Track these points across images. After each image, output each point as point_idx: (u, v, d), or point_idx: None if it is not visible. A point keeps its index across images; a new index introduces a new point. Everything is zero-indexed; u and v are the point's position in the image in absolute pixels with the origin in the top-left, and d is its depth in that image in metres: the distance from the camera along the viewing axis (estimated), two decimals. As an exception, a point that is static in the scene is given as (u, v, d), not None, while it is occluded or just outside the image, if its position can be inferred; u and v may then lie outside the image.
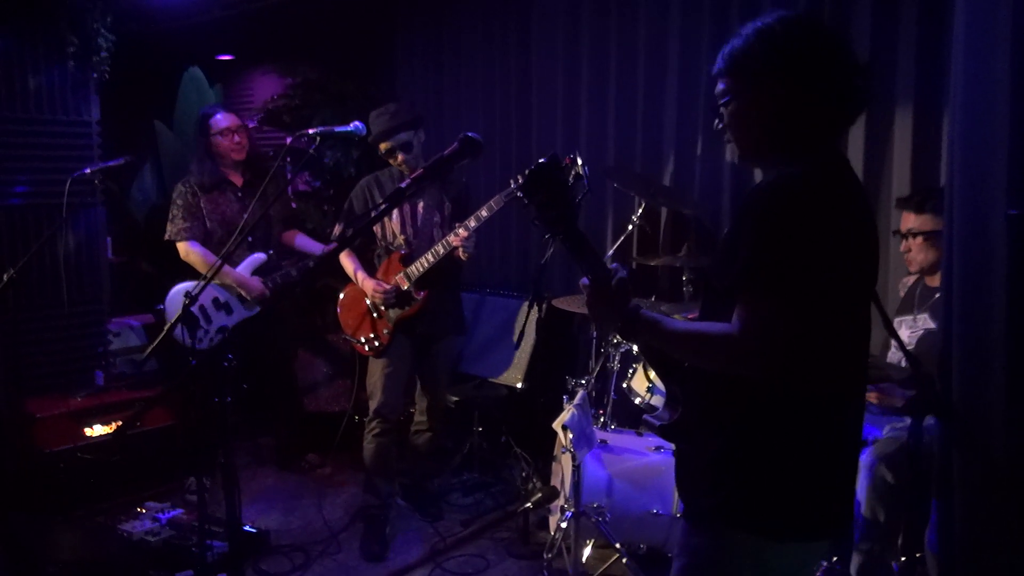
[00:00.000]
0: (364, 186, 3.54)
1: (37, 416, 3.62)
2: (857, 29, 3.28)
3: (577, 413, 2.99)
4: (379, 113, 3.41)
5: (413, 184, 1.79)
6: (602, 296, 1.56)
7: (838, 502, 1.56)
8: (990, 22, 2.07)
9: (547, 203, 1.51)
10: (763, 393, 1.45)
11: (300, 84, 5.09)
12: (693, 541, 1.59)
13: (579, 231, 1.54)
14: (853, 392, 1.57)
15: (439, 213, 3.50)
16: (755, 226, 1.42)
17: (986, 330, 2.10)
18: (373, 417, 3.48)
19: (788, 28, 1.48)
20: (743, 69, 1.51)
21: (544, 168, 1.51)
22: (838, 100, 1.50)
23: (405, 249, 3.47)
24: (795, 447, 1.48)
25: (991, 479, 2.12)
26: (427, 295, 3.41)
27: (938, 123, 3.12)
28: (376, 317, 3.47)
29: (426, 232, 3.47)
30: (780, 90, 1.48)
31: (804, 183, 1.43)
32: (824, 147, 1.52)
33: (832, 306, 1.43)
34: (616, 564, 3.09)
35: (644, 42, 4.02)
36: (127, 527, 3.26)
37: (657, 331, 1.53)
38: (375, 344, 3.46)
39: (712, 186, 3.83)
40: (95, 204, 4.27)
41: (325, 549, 3.41)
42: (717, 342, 1.44)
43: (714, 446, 1.54)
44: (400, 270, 3.42)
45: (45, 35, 4.04)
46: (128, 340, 4.62)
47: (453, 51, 4.92)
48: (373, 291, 3.39)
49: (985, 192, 2.11)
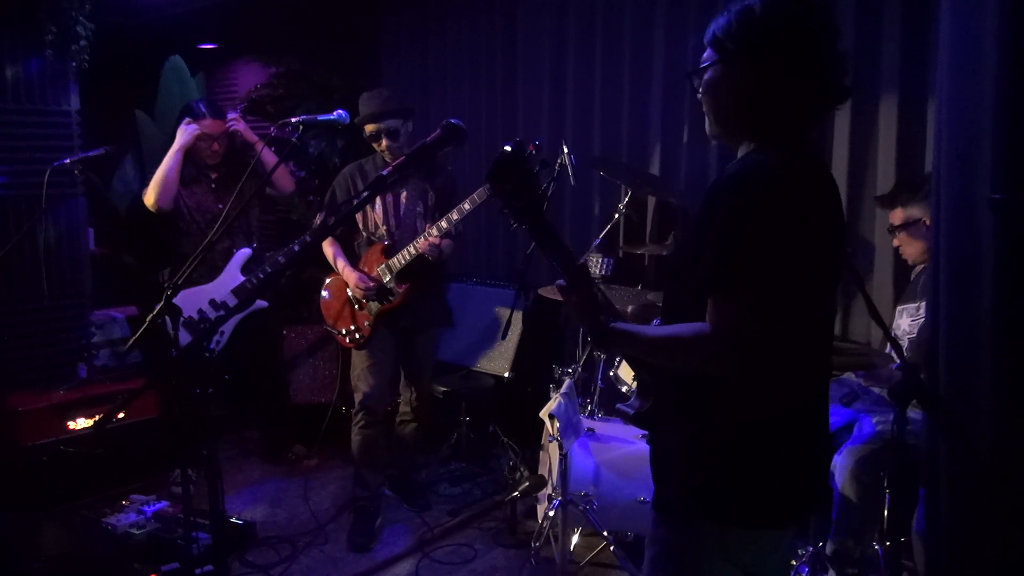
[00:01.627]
0: (347, 175, 3.49)
1: (19, 410, 3.58)
2: (842, 18, 3.27)
3: (564, 402, 2.99)
4: (371, 95, 3.37)
5: (395, 172, 1.78)
6: (575, 301, 1.58)
7: (805, 488, 1.56)
8: (975, 10, 2.07)
9: (513, 192, 1.51)
10: (730, 383, 1.45)
11: (284, 74, 5.04)
12: (661, 531, 1.59)
13: (546, 221, 1.54)
14: (819, 379, 1.58)
15: (422, 203, 3.45)
16: (722, 219, 1.41)
17: (973, 317, 2.11)
18: (359, 410, 3.46)
19: (769, 10, 1.46)
20: (721, 45, 1.51)
21: (509, 157, 1.50)
22: (814, 88, 1.48)
23: (387, 240, 3.43)
24: (762, 435, 1.49)
25: (977, 468, 2.13)
26: (408, 288, 3.37)
27: (923, 112, 3.12)
28: (357, 309, 3.45)
29: (409, 223, 3.42)
30: (752, 70, 1.47)
31: (771, 173, 1.41)
32: (796, 134, 1.51)
33: (800, 297, 1.43)
34: (604, 552, 3.10)
35: (630, 30, 4.01)
36: (112, 520, 3.23)
37: (631, 342, 1.55)
38: (356, 336, 3.44)
39: (698, 175, 3.83)
40: (76, 195, 4.21)
41: (312, 540, 3.41)
42: (691, 345, 1.44)
43: (682, 435, 1.55)
44: (382, 261, 3.38)
45: (22, 24, 3.96)
46: (111, 332, 4.58)
47: (439, 41, 4.88)
48: (355, 285, 3.36)
49: (971, 178, 2.11)
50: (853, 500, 2.64)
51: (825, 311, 1.57)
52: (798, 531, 2.56)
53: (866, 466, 2.63)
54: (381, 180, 1.80)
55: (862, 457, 2.66)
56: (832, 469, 2.71)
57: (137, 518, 3.26)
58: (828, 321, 1.60)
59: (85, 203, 4.30)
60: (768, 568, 1.58)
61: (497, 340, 4.13)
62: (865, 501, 2.62)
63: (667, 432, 1.59)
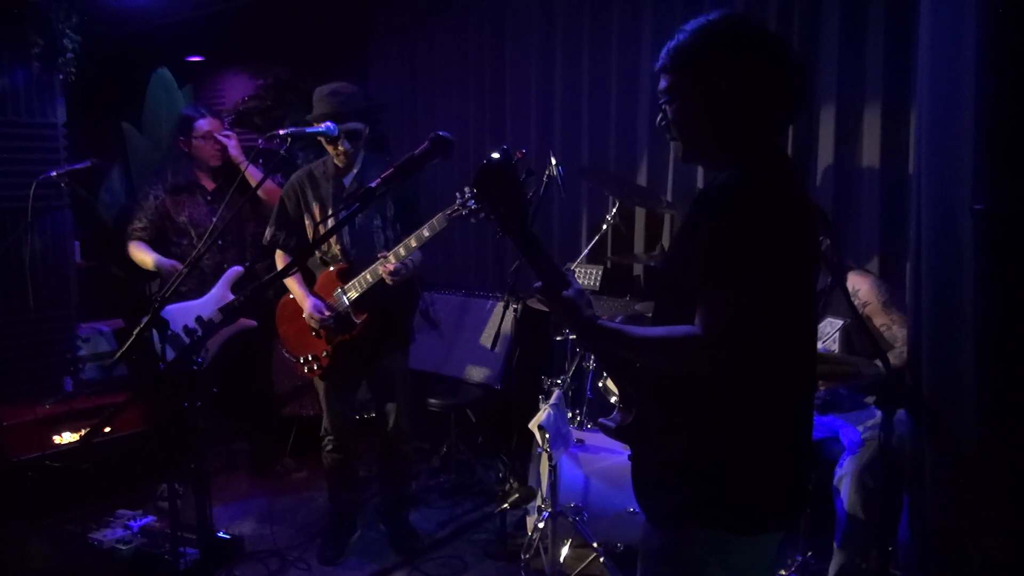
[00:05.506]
0: (295, 183, 3.17)
1: (4, 423, 3.54)
2: (826, 28, 3.31)
3: (553, 413, 2.99)
4: (332, 91, 3.07)
5: (383, 184, 1.75)
6: (556, 302, 1.56)
7: (794, 493, 1.60)
8: (955, 18, 2.10)
9: (500, 199, 1.51)
10: (719, 391, 1.48)
11: (271, 85, 5.04)
12: (656, 540, 1.61)
13: (530, 230, 1.54)
14: (804, 385, 1.61)
15: (380, 215, 3.13)
16: (713, 225, 1.44)
17: (956, 323, 2.12)
18: (324, 434, 3.36)
19: (732, 24, 1.51)
20: (687, 65, 1.53)
21: (496, 164, 1.50)
22: (780, 97, 1.52)
23: (342, 262, 3.13)
24: (751, 442, 1.51)
25: (962, 471, 2.15)
26: (367, 319, 3.08)
27: (907, 119, 3.16)
28: (314, 336, 3.18)
29: (365, 240, 3.12)
30: (723, 86, 1.50)
31: (756, 182, 1.45)
32: (766, 144, 1.55)
33: (785, 297, 1.46)
34: (594, 563, 3.09)
35: (617, 41, 4.03)
36: (98, 535, 3.20)
37: (618, 339, 1.54)
38: (314, 367, 3.21)
39: (686, 185, 3.85)
40: (62, 207, 4.18)
41: (301, 555, 3.38)
42: (681, 345, 1.45)
43: (673, 446, 1.56)
44: (337, 287, 3.10)
45: (8, 36, 3.95)
46: (98, 345, 4.54)
47: (426, 52, 4.89)
48: (309, 313, 3.10)
49: (952, 187, 2.13)
50: (859, 511, 2.65)
51: (807, 316, 1.60)
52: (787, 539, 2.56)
53: (872, 470, 2.64)
54: (370, 193, 1.72)
55: (866, 463, 2.67)
56: (836, 485, 2.72)
57: (124, 533, 3.23)
58: (811, 326, 1.64)
59: (71, 215, 4.27)
60: (758, 570, 1.62)
61: (486, 351, 4.12)
62: (870, 509, 2.63)
63: (656, 443, 1.60)
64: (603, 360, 1.70)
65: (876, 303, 2.91)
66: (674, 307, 1.52)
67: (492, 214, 1.52)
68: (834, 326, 2.97)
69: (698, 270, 1.44)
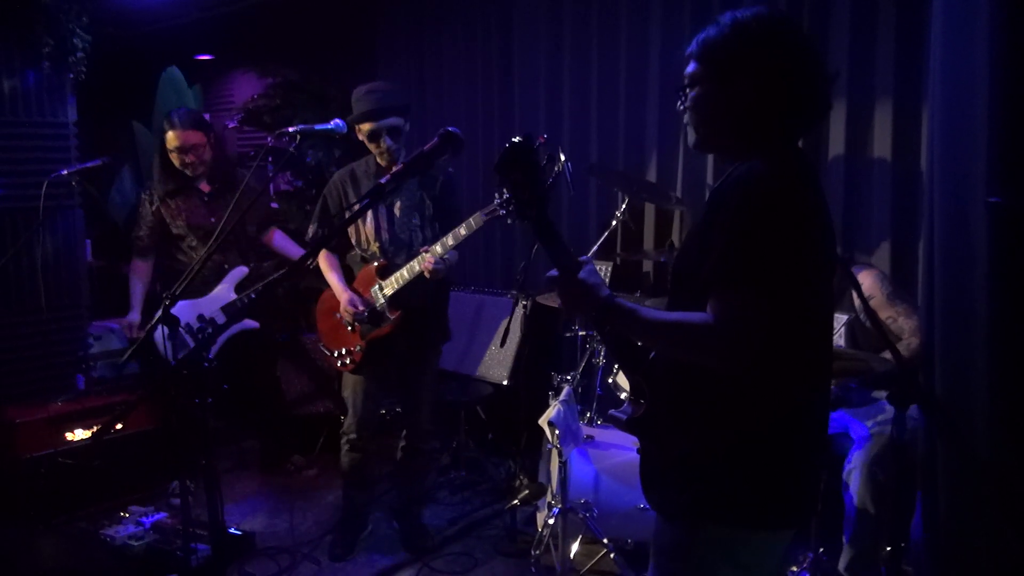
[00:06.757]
0: (338, 182, 3.21)
1: (17, 421, 3.57)
2: (837, 25, 3.29)
3: (563, 409, 2.98)
4: (369, 89, 3.08)
5: (393, 180, 1.76)
6: (571, 285, 1.55)
7: (807, 489, 1.60)
8: (968, 12, 2.09)
9: (521, 183, 1.50)
10: (733, 386, 1.46)
11: (280, 84, 5.06)
12: (667, 536, 1.60)
13: (548, 217, 1.54)
14: (820, 380, 1.59)
15: (419, 214, 3.17)
16: (730, 219, 1.43)
17: (969, 320, 2.11)
18: (344, 432, 3.34)
19: (763, 25, 1.49)
20: (714, 58, 1.53)
21: (518, 147, 1.49)
22: (802, 103, 1.51)
23: (381, 259, 3.16)
24: (765, 438, 1.50)
25: (974, 469, 2.14)
26: (400, 316, 3.10)
27: (918, 117, 3.14)
28: (350, 331, 3.22)
29: (404, 237, 3.16)
30: (746, 85, 1.49)
31: (774, 176, 1.44)
32: (783, 143, 1.53)
33: (800, 294, 1.45)
34: (604, 560, 3.09)
35: (626, 37, 4.02)
36: (110, 532, 3.22)
37: (633, 320, 1.52)
38: (347, 361, 3.23)
39: (695, 181, 3.84)
40: (73, 207, 4.21)
41: (312, 551, 3.39)
42: (695, 332, 1.44)
43: (684, 440, 1.55)
44: (375, 283, 3.13)
45: (19, 36, 3.97)
46: (109, 343, 4.57)
47: (434, 50, 4.90)
48: (344, 308, 3.14)
49: (965, 182, 2.12)
50: (869, 505, 2.64)
51: (824, 312, 1.59)
52: (799, 536, 2.56)
53: (881, 463, 2.63)
54: (379, 188, 1.74)
55: (875, 455, 2.66)
56: (845, 479, 2.71)
57: (135, 529, 3.25)
58: (827, 322, 1.62)
59: (82, 214, 4.29)
60: (769, 568, 1.60)
61: (495, 348, 4.12)
62: (881, 502, 2.62)
63: (668, 437, 1.59)
64: (615, 350, 1.68)
65: (880, 296, 2.91)
66: (689, 302, 1.50)
67: (512, 199, 1.52)
68: (839, 321, 2.96)
69: (713, 265, 1.43)
